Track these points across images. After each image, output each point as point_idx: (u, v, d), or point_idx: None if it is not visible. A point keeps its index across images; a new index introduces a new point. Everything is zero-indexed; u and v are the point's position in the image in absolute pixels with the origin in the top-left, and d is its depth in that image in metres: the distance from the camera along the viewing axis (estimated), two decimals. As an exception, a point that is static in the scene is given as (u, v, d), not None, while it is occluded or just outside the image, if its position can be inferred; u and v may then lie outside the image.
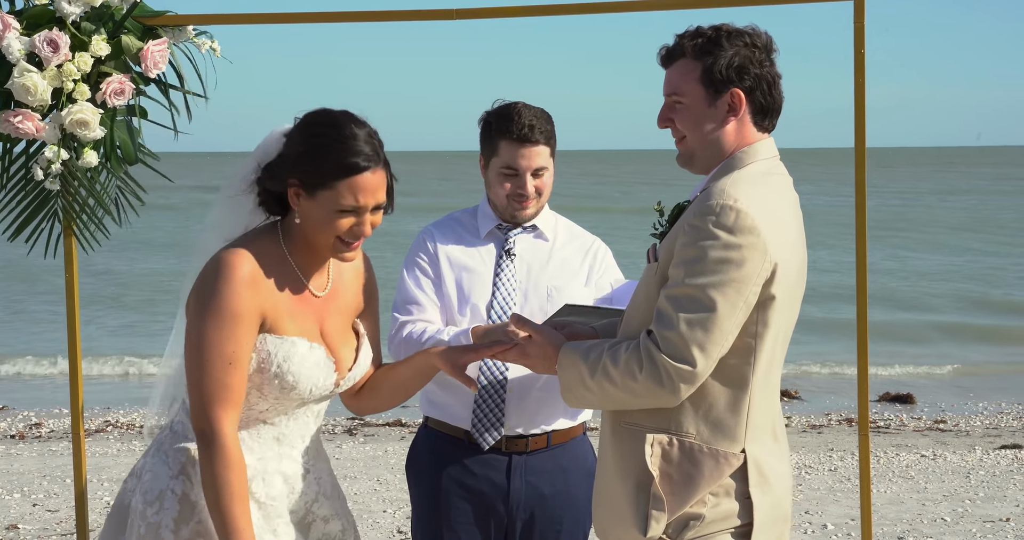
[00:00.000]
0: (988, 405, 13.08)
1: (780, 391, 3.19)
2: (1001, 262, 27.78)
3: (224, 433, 3.05)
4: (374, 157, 3.13)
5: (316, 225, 3.14)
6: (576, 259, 4.11)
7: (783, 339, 3.07)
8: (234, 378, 3.05)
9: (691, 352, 2.90)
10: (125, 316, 19.73)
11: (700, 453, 3.00)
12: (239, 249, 3.12)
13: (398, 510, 8.29)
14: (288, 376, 3.14)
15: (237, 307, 3.05)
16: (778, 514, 3.10)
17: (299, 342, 3.16)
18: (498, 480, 4.00)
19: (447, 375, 3.88)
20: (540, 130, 3.96)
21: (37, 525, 8.10)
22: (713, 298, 2.90)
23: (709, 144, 3.09)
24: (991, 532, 7.85)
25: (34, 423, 12.05)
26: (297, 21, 4.22)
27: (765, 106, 3.09)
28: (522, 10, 4.15)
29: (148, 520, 3.13)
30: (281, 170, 3.15)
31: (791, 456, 3.39)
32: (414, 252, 4.09)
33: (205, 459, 3.05)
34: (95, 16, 4.01)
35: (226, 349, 3.04)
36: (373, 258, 3.54)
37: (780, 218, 2.99)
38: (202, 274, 3.13)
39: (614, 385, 2.99)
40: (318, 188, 3.10)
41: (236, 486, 3.03)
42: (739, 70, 3.04)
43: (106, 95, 3.99)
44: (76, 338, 4.24)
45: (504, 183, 4.01)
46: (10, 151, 4.13)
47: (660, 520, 2.99)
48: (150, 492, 3.17)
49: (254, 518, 3.15)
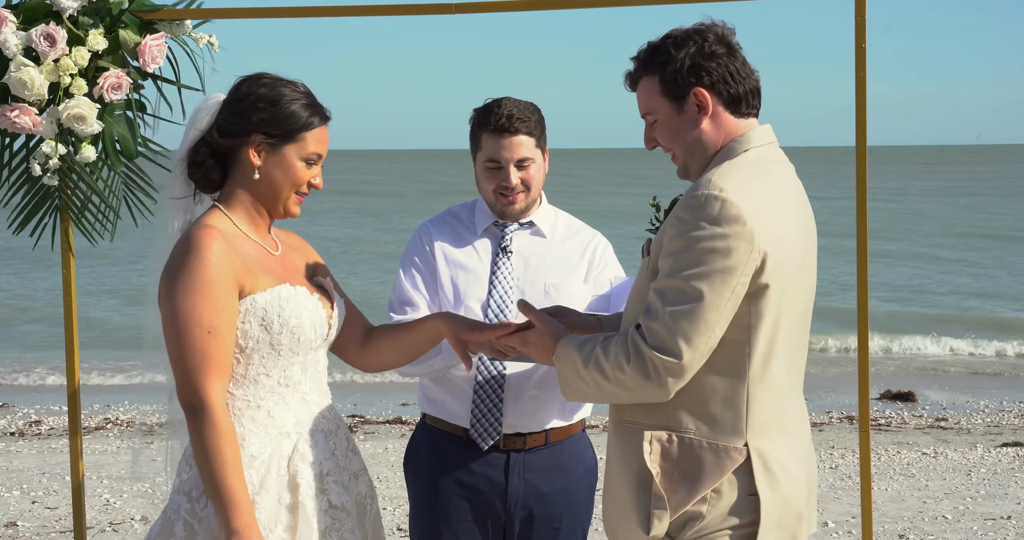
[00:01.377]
0: (990, 403, 13.07)
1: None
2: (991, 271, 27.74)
3: (212, 402, 3.09)
4: (325, 110, 3.37)
5: (279, 179, 3.30)
6: (575, 255, 4.07)
7: (787, 329, 3.01)
8: (215, 347, 3.10)
9: (676, 344, 2.88)
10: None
11: (700, 449, 2.96)
12: (204, 224, 3.23)
13: (398, 508, 8.28)
14: (292, 320, 3.23)
15: (209, 275, 3.12)
16: (789, 512, 3.01)
17: (282, 288, 3.25)
18: (496, 478, 3.98)
19: (446, 372, 3.87)
20: (520, 119, 3.93)
21: (36, 522, 8.09)
22: (699, 289, 2.88)
23: (694, 150, 3.10)
24: (992, 530, 7.84)
25: (34, 420, 12.04)
26: (296, 15, 4.20)
27: (734, 95, 3.08)
28: (522, 4, 4.13)
29: (198, 515, 3.15)
30: (241, 128, 3.28)
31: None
32: (410, 250, 4.08)
33: (194, 430, 3.09)
34: (92, 10, 3.99)
35: (204, 318, 3.10)
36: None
37: (772, 205, 2.97)
38: (172, 254, 3.22)
39: (605, 378, 2.98)
40: (285, 140, 3.29)
41: (228, 454, 3.06)
42: (693, 70, 3.05)
43: (103, 90, 3.98)
44: (73, 336, 4.23)
45: (489, 177, 3.98)
46: (10, 146, 4.12)
47: (663, 518, 2.96)
48: (195, 488, 3.18)
49: (306, 479, 3.22)
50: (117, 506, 8.51)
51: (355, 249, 30.50)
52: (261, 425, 3.21)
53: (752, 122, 3.11)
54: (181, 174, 3.37)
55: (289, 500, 3.21)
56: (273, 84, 3.32)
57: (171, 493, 3.25)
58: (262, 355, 3.21)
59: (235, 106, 3.30)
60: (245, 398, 3.22)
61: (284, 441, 3.24)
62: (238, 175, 3.32)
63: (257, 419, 3.22)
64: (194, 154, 3.32)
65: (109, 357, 15.47)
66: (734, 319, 2.92)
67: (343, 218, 39.57)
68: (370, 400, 13.01)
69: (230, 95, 3.33)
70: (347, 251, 29.83)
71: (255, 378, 3.22)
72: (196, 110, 3.35)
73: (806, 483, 3.10)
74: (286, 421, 3.25)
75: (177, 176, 3.38)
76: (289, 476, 3.22)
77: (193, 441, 3.10)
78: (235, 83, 3.35)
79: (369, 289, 21.23)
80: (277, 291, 3.23)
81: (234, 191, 3.33)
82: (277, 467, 3.20)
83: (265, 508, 3.16)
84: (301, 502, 3.21)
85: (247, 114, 3.28)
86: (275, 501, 3.18)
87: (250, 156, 3.29)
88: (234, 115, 3.29)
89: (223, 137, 3.29)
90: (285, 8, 4.21)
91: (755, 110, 3.12)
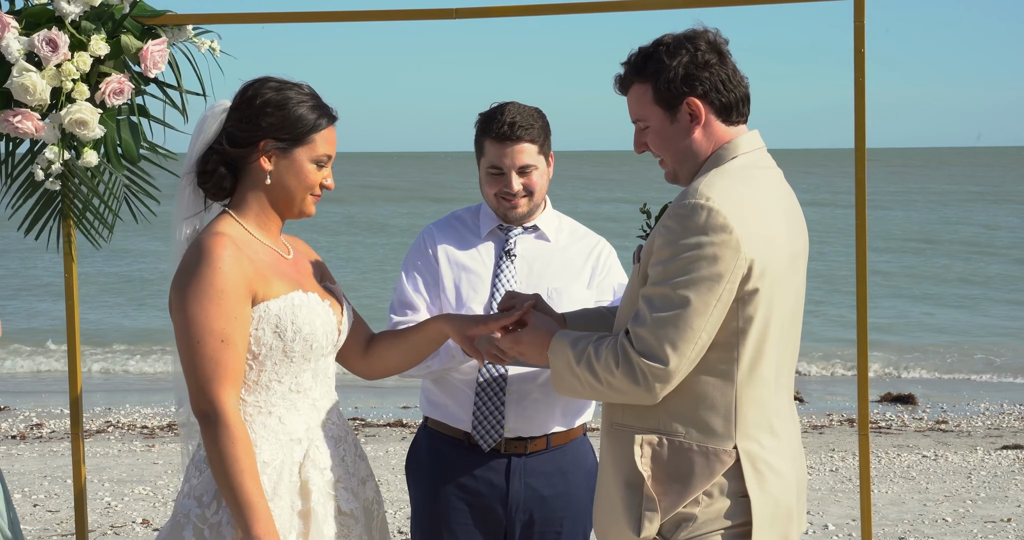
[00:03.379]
0: (990, 405, 13.07)
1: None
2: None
3: (226, 410, 3.08)
4: (332, 110, 3.35)
5: (292, 183, 3.28)
6: (578, 260, 4.08)
7: (776, 331, 3.04)
8: (228, 356, 3.09)
9: (663, 351, 2.92)
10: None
11: (690, 452, 2.99)
12: (215, 231, 3.20)
13: (399, 510, 8.29)
14: (305, 327, 3.22)
15: (221, 284, 3.11)
16: (780, 512, 3.05)
17: (295, 295, 3.24)
18: (497, 482, 3.99)
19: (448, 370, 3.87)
20: (523, 126, 3.93)
21: (38, 525, 8.10)
22: (686, 296, 2.91)
23: (684, 157, 3.13)
24: (992, 532, 7.84)
25: (35, 423, 12.05)
26: (297, 20, 4.21)
27: (726, 103, 3.10)
28: (523, 9, 4.15)
29: (208, 521, 3.14)
30: (250, 135, 3.25)
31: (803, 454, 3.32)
32: (413, 252, 4.09)
33: (209, 439, 3.08)
34: (94, 16, 4.01)
35: (216, 326, 3.09)
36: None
37: (758, 212, 3.00)
38: (183, 262, 3.20)
39: (596, 378, 3.01)
40: (295, 144, 3.26)
41: (245, 461, 3.06)
42: (686, 79, 3.07)
43: (105, 95, 3.99)
44: (75, 337, 4.24)
45: (492, 183, 3.99)
46: (12, 153, 4.14)
47: (653, 520, 2.99)
48: (206, 494, 3.17)
49: (317, 485, 3.22)
50: (118, 509, 8.52)
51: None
52: (272, 431, 3.21)
53: (741, 129, 3.15)
54: (189, 185, 3.33)
55: (301, 506, 3.21)
56: (279, 88, 3.29)
57: (179, 497, 3.24)
58: (275, 362, 3.21)
59: (242, 112, 3.27)
60: (257, 404, 3.22)
61: (295, 447, 3.24)
62: (249, 181, 3.29)
63: (269, 425, 3.21)
64: (204, 163, 3.28)
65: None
66: (723, 323, 2.95)
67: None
68: (371, 403, 13.02)
69: (236, 101, 3.30)
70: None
71: (267, 384, 3.22)
72: (202, 119, 3.32)
73: (796, 483, 3.13)
74: (297, 427, 3.25)
75: (185, 187, 3.33)
76: (301, 482, 3.22)
77: (208, 450, 3.09)
78: (240, 89, 3.32)
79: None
80: (290, 298, 3.22)
81: (245, 196, 3.30)
82: (289, 473, 3.20)
83: (279, 515, 3.16)
84: (313, 508, 3.21)
85: (256, 120, 3.25)
86: (288, 508, 3.18)
87: (261, 162, 3.26)
88: (242, 122, 3.26)
89: (233, 146, 3.26)
90: (286, 14, 4.22)
91: (744, 117, 3.15)
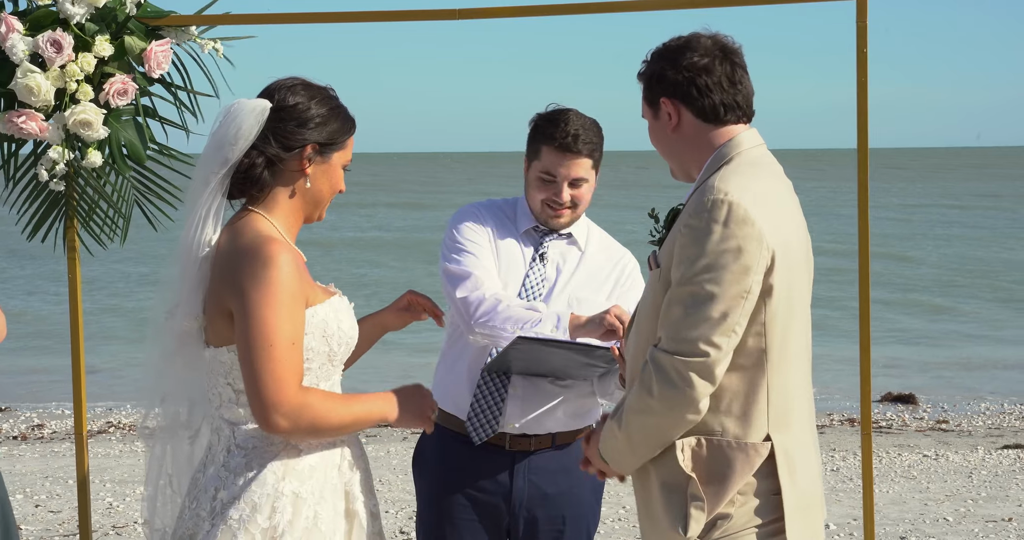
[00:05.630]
0: (991, 405, 13.08)
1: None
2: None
3: (306, 401, 3.10)
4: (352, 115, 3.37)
5: (325, 187, 3.30)
6: (603, 271, 4.08)
7: (798, 323, 3.08)
8: (297, 358, 3.12)
9: (698, 346, 2.93)
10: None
11: (729, 449, 3.02)
12: (274, 237, 3.19)
13: (400, 511, 8.29)
14: (349, 330, 3.27)
15: (292, 289, 3.12)
16: (807, 503, 3.09)
17: (334, 300, 3.27)
18: (501, 479, 4.00)
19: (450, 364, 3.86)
20: (585, 141, 3.91)
21: (39, 526, 8.10)
22: (715, 292, 2.93)
23: (671, 153, 3.22)
24: (993, 532, 7.85)
25: (36, 424, 12.06)
26: (302, 21, 4.22)
27: (709, 104, 3.13)
28: (525, 10, 4.16)
29: (260, 526, 3.11)
30: (298, 138, 3.23)
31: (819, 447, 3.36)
32: (464, 223, 4.02)
33: (309, 432, 3.12)
34: (99, 17, 4.02)
35: (287, 330, 3.10)
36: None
37: (774, 206, 3.04)
38: (248, 266, 3.12)
39: (635, 412, 3.01)
40: (333, 148, 3.28)
41: (341, 412, 3.14)
42: (659, 80, 3.17)
43: (109, 95, 4.00)
44: (79, 338, 4.24)
45: (541, 188, 3.97)
46: (16, 154, 4.15)
47: (699, 520, 3.00)
48: (235, 502, 3.12)
49: (355, 487, 3.26)
50: (120, 510, 8.52)
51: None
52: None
53: (738, 127, 3.17)
54: (215, 178, 3.21)
55: (343, 507, 3.24)
56: (320, 91, 3.27)
57: (205, 517, 3.17)
58: (319, 364, 3.22)
59: (289, 115, 3.22)
60: None
61: (335, 449, 3.26)
62: (283, 183, 3.25)
63: None
64: (250, 166, 3.21)
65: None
66: (751, 317, 2.97)
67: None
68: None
69: (279, 104, 3.22)
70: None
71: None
72: (232, 115, 3.20)
73: (819, 473, 3.19)
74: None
75: (209, 182, 3.23)
76: (341, 483, 3.25)
77: (310, 442, 3.16)
78: (278, 91, 3.25)
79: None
80: (332, 303, 3.24)
81: (277, 199, 3.26)
82: (332, 476, 3.22)
83: (326, 517, 3.17)
84: (353, 508, 3.26)
85: (307, 124, 3.23)
86: (332, 509, 3.20)
87: (303, 165, 3.24)
88: (295, 125, 3.22)
89: (283, 149, 3.21)
90: (291, 14, 4.23)
91: (736, 118, 3.17)
